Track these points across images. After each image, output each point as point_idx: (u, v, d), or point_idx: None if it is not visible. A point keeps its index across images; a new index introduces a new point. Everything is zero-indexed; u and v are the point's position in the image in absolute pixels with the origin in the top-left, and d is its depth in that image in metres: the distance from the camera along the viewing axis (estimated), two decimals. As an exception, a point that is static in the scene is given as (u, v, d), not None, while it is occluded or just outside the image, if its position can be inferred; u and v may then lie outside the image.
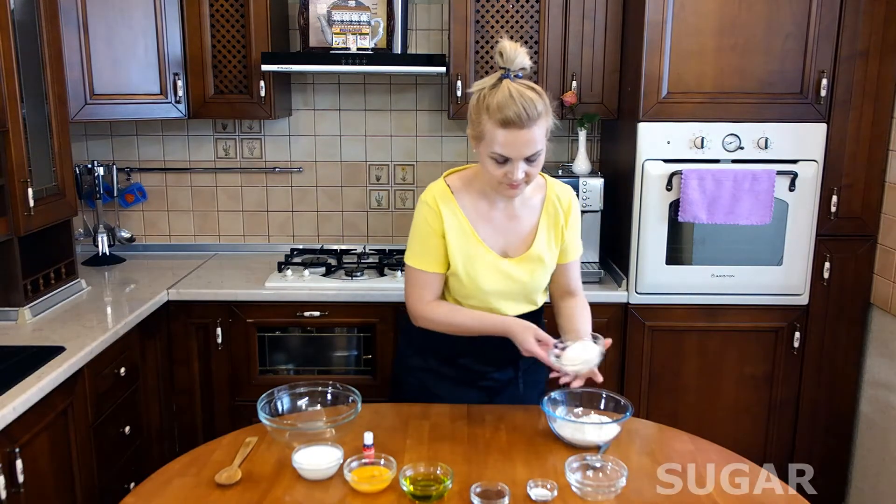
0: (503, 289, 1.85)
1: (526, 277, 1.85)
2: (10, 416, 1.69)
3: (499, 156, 1.67)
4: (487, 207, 1.84)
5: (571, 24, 2.79)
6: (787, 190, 2.60)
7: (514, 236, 1.86)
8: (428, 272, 1.84)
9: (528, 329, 1.75)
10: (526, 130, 1.64)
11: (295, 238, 3.34)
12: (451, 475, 1.48)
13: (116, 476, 2.29)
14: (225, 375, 2.77)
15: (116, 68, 2.71)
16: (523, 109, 1.62)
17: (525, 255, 1.85)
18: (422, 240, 1.84)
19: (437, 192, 1.84)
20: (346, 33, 2.83)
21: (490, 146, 1.67)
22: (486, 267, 1.82)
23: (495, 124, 1.64)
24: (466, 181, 1.86)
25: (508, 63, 1.68)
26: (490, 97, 1.66)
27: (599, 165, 3.19)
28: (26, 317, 2.29)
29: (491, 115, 1.65)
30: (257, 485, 1.52)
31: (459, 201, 1.83)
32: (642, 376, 2.75)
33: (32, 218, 2.26)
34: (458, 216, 1.82)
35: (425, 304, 1.86)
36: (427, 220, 1.83)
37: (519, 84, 1.66)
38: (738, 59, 2.53)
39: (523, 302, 1.91)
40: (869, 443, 2.77)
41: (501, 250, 1.85)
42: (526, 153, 1.67)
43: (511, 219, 1.85)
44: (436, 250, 1.83)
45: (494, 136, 1.65)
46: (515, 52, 1.68)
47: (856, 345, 2.77)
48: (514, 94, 1.63)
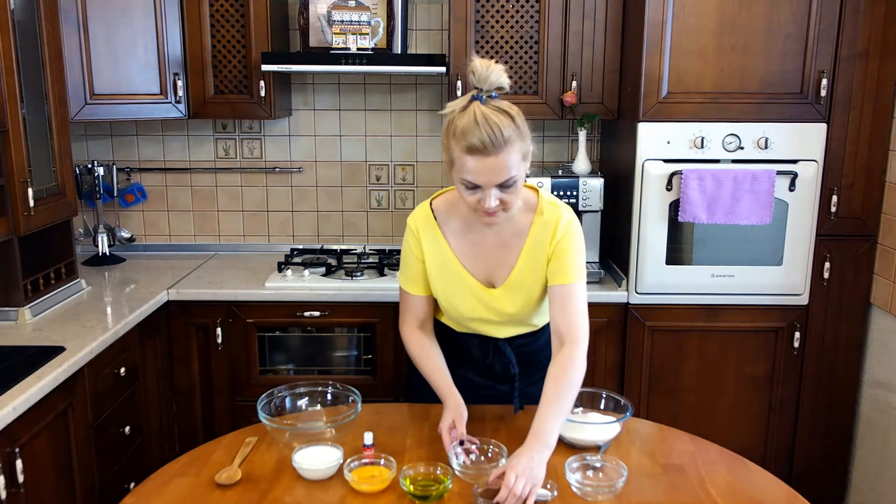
0: (487, 317, 1.79)
1: (510, 308, 1.76)
2: (10, 416, 1.70)
3: (469, 182, 1.56)
4: (473, 233, 1.74)
5: (571, 24, 2.79)
6: (787, 190, 2.60)
7: (499, 263, 1.75)
8: (412, 295, 1.82)
9: (450, 411, 1.67)
10: (493, 158, 1.51)
11: (295, 238, 3.34)
12: (451, 475, 1.48)
13: (116, 476, 2.29)
14: (225, 375, 2.77)
15: (116, 68, 2.72)
16: (488, 135, 1.49)
17: (506, 283, 1.74)
18: (406, 263, 1.82)
19: (420, 217, 1.78)
20: (346, 33, 2.83)
21: (460, 172, 1.57)
22: (466, 295, 1.75)
23: (462, 150, 1.53)
24: (453, 204, 1.77)
25: (481, 82, 1.56)
26: (457, 121, 1.54)
27: (599, 165, 3.19)
28: (26, 317, 2.29)
29: (457, 141, 1.53)
30: (257, 485, 1.53)
31: (444, 226, 1.76)
32: (642, 376, 2.75)
33: (32, 218, 2.26)
34: (439, 242, 1.75)
35: (407, 329, 1.84)
36: (409, 246, 1.80)
37: (489, 107, 1.53)
38: (738, 59, 2.53)
39: (518, 327, 1.84)
40: (869, 443, 2.77)
41: (485, 278, 1.76)
42: (497, 180, 1.54)
43: (498, 246, 1.74)
44: (417, 275, 1.80)
45: (462, 162, 1.54)
46: (488, 71, 1.55)
47: (856, 345, 2.77)
48: (480, 118, 1.50)
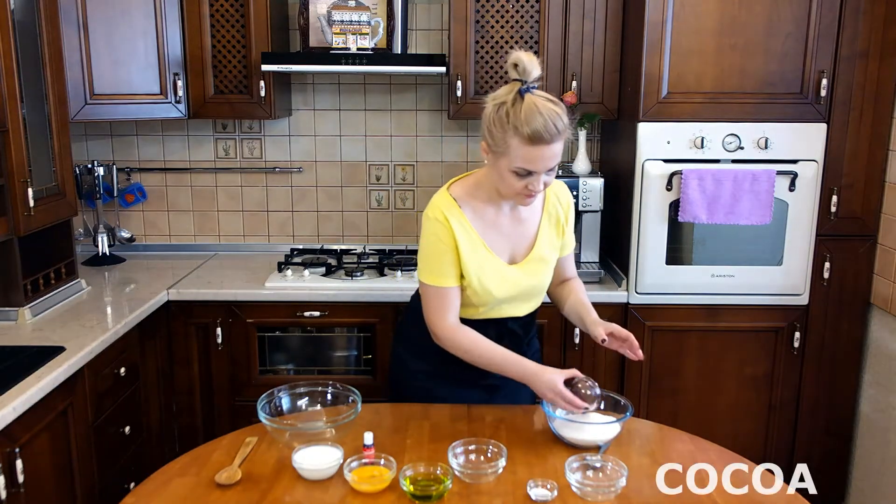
0: (514, 294, 1.85)
1: (534, 280, 1.86)
2: (11, 415, 1.70)
3: (522, 170, 1.65)
4: (494, 214, 1.83)
5: (571, 24, 2.79)
6: (787, 190, 2.60)
7: (520, 240, 1.85)
8: (448, 287, 1.81)
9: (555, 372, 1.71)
10: (552, 146, 1.62)
11: (295, 238, 3.34)
12: (451, 475, 1.49)
13: (116, 476, 2.29)
14: (225, 375, 2.77)
15: (116, 68, 2.72)
16: (552, 125, 1.60)
17: (528, 257, 1.85)
18: (436, 256, 1.80)
19: (444, 205, 1.80)
20: (346, 33, 2.83)
21: (513, 161, 1.64)
22: (496, 276, 1.82)
23: (522, 140, 1.61)
24: (470, 190, 1.83)
25: (525, 75, 1.65)
26: (514, 112, 1.62)
27: (599, 165, 3.19)
28: (26, 317, 2.29)
29: (518, 131, 1.61)
30: (257, 485, 1.53)
31: (466, 212, 1.81)
32: (642, 376, 2.75)
33: (32, 218, 2.26)
34: (466, 228, 1.80)
35: (449, 325, 1.82)
36: (439, 237, 1.79)
37: (541, 98, 1.64)
38: (738, 59, 2.53)
39: (531, 301, 1.92)
40: (869, 443, 2.77)
41: (509, 256, 1.85)
42: (549, 166, 1.66)
43: (517, 223, 1.85)
44: (451, 265, 1.80)
45: (519, 151, 1.63)
46: (532, 65, 1.65)
47: (856, 345, 2.77)
48: (542, 109, 1.60)
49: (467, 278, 1.81)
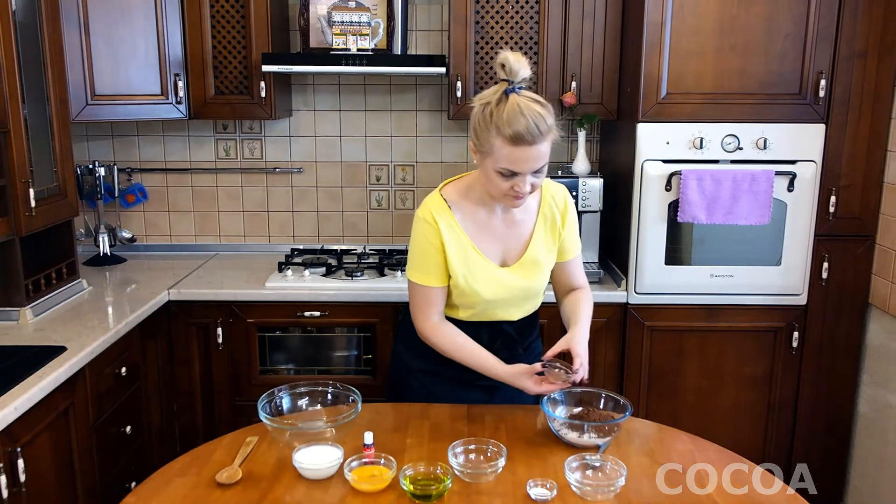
0: (504, 296, 1.85)
1: (526, 283, 1.85)
2: (12, 415, 1.70)
3: (506, 170, 1.65)
4: (486, 216, 1.83)
5: (571, 25, 2.80)
6: (785, 190, 2.60)
7: (513, 242, 1.85)
8: (432, 287, 1.83)
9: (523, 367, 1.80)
10: (535, 147, 1.61)
11: (295, 238, 3.35)
12: (451, 475, 1.49)
13: (117, 475, 2.30)
14: (225, 375, 2.77)
15: (117, 69, 2.72)
16: (535, 126, 1.59)
17: (521, 260, 1.85)
18: (423, 256, 1.82)
19: (434, 206, 1.82)
20: (346, 34, 2.84)
21: (497, 161, 1.65)
22: (485, 278, 1.82)
23: (505, 141, 1.61)
24: (463, 191, 1.84)
25: (512, 75, 1.64)
26: (498, 112, 1.62)
27: (599, 166, 3.20)
28: (28, 317, 2.30)
29: (500, 132, 1.61)
30: (257, 484, 1.53)
31: (456, 214, 1.81)
32: (642, 376, 2.76)
33: (34, 218, 2.26)
34: (455, 230, 1.80)
35: (432, 324, 1.85)
36: (426, 237, 1.81)
37: (526, 98, 1.63)
38: (738, 60, 2.54)
39: (525, 305, 1.91)
40: (867, 442, 2.78)
41: (500, 259, 1.85)
42: (534, 167, 1.65)
43: (510, 225, 1.84)
44: (437, 265, 1.81)
45: (503, 152, 1.63)
46: (519, 65, 1.63)
47: (854, 345, 2.77)
48: (525, 110, 1.60)
49: (454, 279, 1.82)
